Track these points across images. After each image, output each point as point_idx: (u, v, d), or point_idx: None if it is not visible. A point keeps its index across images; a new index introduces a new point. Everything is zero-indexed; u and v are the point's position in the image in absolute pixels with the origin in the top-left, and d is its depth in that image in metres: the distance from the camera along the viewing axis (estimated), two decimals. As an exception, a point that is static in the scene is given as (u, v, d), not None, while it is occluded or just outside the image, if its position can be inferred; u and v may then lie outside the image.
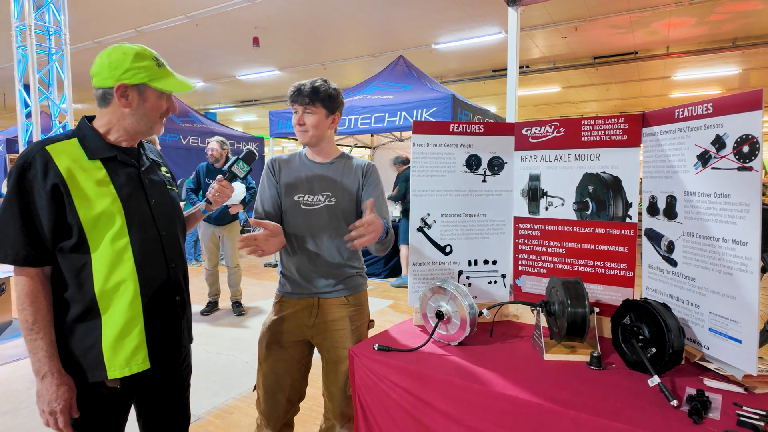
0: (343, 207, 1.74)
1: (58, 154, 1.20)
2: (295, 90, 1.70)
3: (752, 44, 7.97)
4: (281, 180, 1.77)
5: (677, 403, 1.16)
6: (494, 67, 10.25)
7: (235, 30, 7.84)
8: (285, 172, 1.78)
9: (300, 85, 1.70)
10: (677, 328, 1.32)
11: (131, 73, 1.25)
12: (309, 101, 1.67)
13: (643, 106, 14.36)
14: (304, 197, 1.74)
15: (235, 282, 4.95)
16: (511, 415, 1.25)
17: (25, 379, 3.32)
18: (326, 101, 1.69)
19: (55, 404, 1.19)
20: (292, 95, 1.70)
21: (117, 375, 1.25)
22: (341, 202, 1.74)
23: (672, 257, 1.56)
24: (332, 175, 1.77)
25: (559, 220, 1.84)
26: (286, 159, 1.82)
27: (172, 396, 1.48)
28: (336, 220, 1.74)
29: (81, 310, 1.23)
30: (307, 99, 1.67)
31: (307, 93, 1.67)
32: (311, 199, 1.74)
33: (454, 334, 1.63)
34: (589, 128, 1.77)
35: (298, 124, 1.71)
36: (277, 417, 1.78)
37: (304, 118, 1.69)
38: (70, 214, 1.19)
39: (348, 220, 1.72)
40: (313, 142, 1.74)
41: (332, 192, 1.75)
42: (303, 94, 1.67)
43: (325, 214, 1.73)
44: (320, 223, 1.72)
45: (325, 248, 1.74)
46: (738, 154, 1.31)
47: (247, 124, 19.20)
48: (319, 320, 1.75)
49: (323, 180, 1.75)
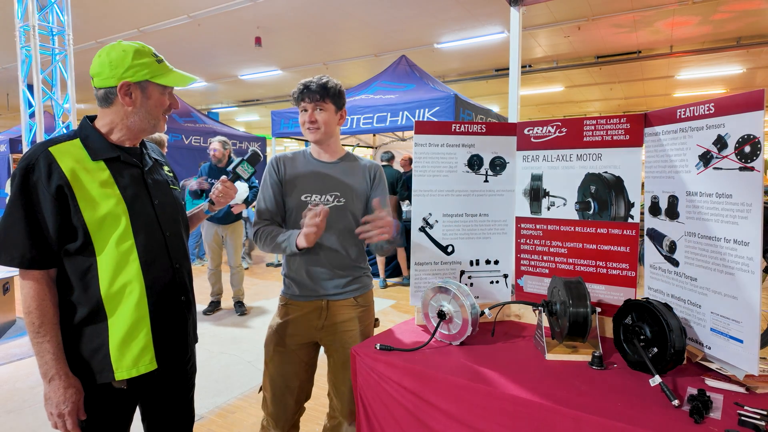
0: (353, 208, 1.74)
1: (61, 155, 1.20)
2: (303, 87, 1.68)
3: (756, 43, 7.94)
4: (285, 178, 1.75)
5: (678, 403, 1.16)
6: (497, 66, 10.23)
7: (238, 30, 7.86)
8: (290, 171, 1.76)
9: (308, 82, 1.68)
10: (679, 328, 1.32)
11: (133, 71, 1.25)
12: (320, 98, 1.66)
13: (646, 106, 14.31)
14: (311, 197, 1.72)
15: (238, 282, 4.96)
16: (513, 414, 1.25)
17: (28, 378, 3.33)
18: (335, 97, 1.69)
19: (63, 407, 1.19)
20: (301, 93, 1.68)
21: (124, 376, 1.26)
22: (350, 202, 1.73)
23: (674, 257, 1.56)
24: (339, 174, 1.76)
25: (561, 220, 1.84)
26: (290, 157, 1.80)
27: (178, 396, 1.48)
28: (345, 220, 1.73)
29: (87, 313, 1.23)
30: (318, 96, 1.66)
31: (317, 90, 1.66)
32: (319, 198, 1.72)
33: (455, 333, 1.64)
34: (591, 128, 1.77)
35: (309, 122, 1.69)
36: (285, 419, 1.78)
37: (315, 115, 1.68)
38: (75, 215, 1.19)
39: (357, 221, 1.71)
40: (324, 138, 1.72)
41: (341, 192, 1.73)
42: (313, 91, 1.66)
43: (335, 214, 1.70)
44: (329, 223, 1.68)
45: (333, 248, 1.73)
46: (739, 155, 1.30)
47: (249, 124, 19.22)
48: (328, 322, 1.75)
49: (330, 180, 1.74)
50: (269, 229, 1.72)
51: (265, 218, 1.76)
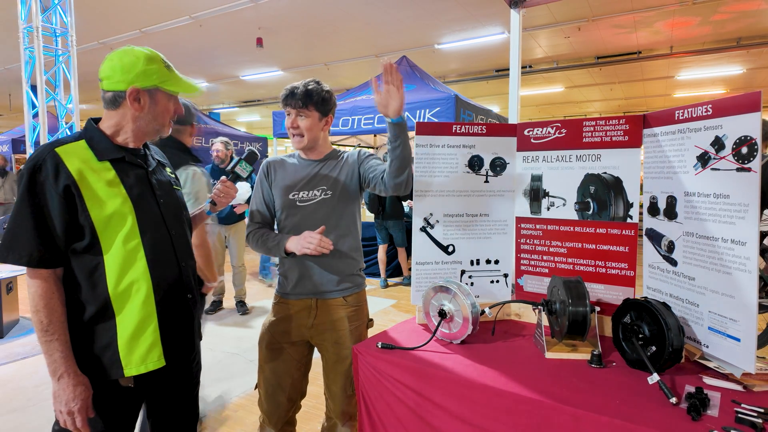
0: (338, 198, 1.75)
1: (68, 155, 1.22)
2: (288, 93, 1.69)
3: (756, 44, 7.94)
4: (275, 182, 1.79)
5: (676, 401, 1.18)
6: (497, 67, 10.24)
7: (239, 30, 7.87)
8: (279, 174, 1.79)
9: (293, 87, 1.69)
10: (677, 327, 1.34)
11: (144, 77, 1.27)
12: (302, 104, 1.67)
13: (646, 106, 14.31)
14: (299, 194, 1.75)
15: (240, 281, 4.98)
16: (513, 412, 1.27)
17: (33, 377, 3.35)
18: (319, 104, 1.70)
19: (72, 404, 1.20)
20: (285, 98, 1.69)
21: (133, 372, 1.27)
22: (336, 194, 1.75)
23: (672, 257, 1.57)
24: (327, 170, 1.78)
25: (560, 220, 1.86)
26: (279, 161, 1.83)
27: (183, 393, 1.50)
28: (331, 213, 1.74)
29: (95, 311, 1.24)
30: (300, 102, 1.67)
31: (300, 96, 1.66)
32: (306, 195, 1.75)
33: (456, 332, 1.65)
34: (590, 129, 1.79)
35: (292, 127, 1.72)
36: (278, 416, 1.81)
37: (298, 122, 1.70)
38: (82, 215, 1.21)
39: (344, 212, 1.75)
40: (308, 146, 1.75)
41: (327, 186, 1.76)
42: (296, 97, 1.67)
43: (320, 207, 1.73)
44: (316, 216, 1.73)
45: None
46: (737, 155, 1.32)
47: (250, 124, 19.24)
48: (318, 321, 1.76)
49: (317, 176, 1.77)
50: (261, 232, 1.78)
51: (257, 221, 1.83)
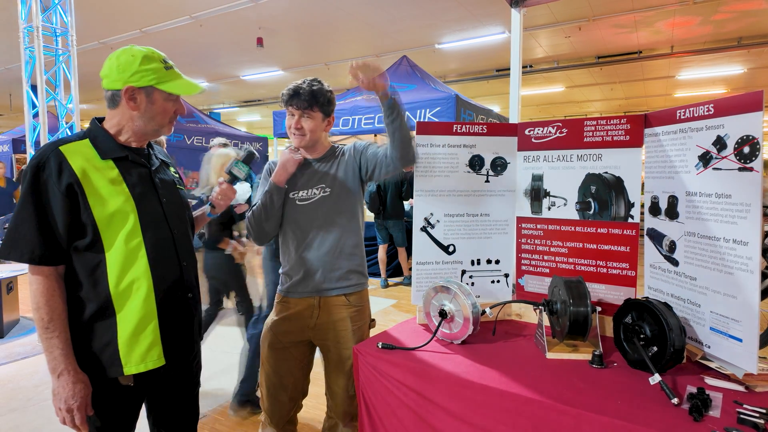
0: (337, 195, 1.74)
1: (71, 154, 1.22)
2: (292, 93, 1.66)
3: (757, 43, 7.93)
4: None
5: (678, 401, 1.18)
6: (498, 66, 10.23)
7: (239, 30, 7.87)
8: None
9: (297, 87, 1.66)
10: (678, 327, 1.34)
11: (139, 76, 1.27)
12: (308, 105, 1.65)
13: (647, 106, 14.29)
14: (298, 193, 1.74)
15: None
16: (514, 412, 1.27)
17: (32, 377, 3.35)
18: (324, 105, 1.69)
19: (72, 401, 1.20)
20: (289, 98, 1.67)
21: (133, 371, 1.27)
22: (335, 190, 1.74)
23: (673, 257, 1.57)
24: (325, 167, 1.77)
25: (561, 220, 1.85)
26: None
27: (183, 392, 1.50)
28: (331, 210, 1.73)
29: (96, 309, 1.25)
30: (306, 103, 1.65)
31: (305, 97, 1.64)
32: (306, 193, 1.74)
33: (457, 332, 1.65)
34: (591, 129, 1.79)
35: (296, 128, 1.69)
36: (280, 415, 1.81)
37: (302, 122, 1.68)
38: (85, 213, 1.21)
39: (344, 209, 1.74)
40: (309, 145, 1.74)
41: (326, 183, 1.75)
42: (301, 98, 1.65)
43: (320, 205, 1.73)
44: (315, 215, 1.72)
45: (322, 240, 1.73)
46: (739, 155, 1.32)
47: (250, 124, 19.24)
48: (320, 321, 1.76)
49: (315, 174, 1.76)
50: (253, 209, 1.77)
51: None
